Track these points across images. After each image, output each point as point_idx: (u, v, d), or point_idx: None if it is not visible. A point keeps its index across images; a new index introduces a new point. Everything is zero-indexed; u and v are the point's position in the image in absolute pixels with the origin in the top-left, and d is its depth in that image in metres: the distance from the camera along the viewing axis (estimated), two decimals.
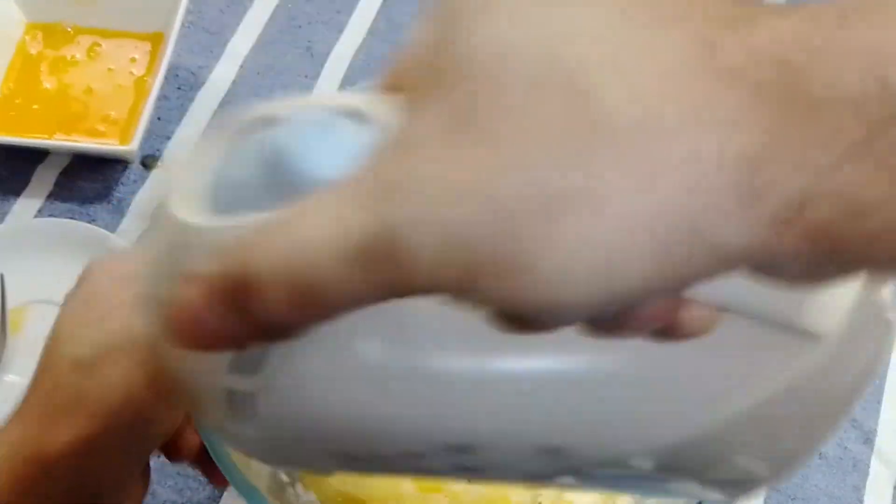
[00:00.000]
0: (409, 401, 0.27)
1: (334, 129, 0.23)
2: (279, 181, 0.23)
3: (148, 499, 0.53)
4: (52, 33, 0.67)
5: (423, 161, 0.19)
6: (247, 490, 0.41)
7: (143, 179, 0.63)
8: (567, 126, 0.18)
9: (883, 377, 0.57)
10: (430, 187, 0.19)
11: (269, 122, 0.24)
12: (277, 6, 0.70)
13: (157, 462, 0.54)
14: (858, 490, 0.54)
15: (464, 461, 0.28)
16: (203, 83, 0.67)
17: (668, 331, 0.22)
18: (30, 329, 0.58)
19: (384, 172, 0.20)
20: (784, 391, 0.26)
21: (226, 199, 0.24)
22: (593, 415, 0.27)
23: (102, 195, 0.63)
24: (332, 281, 0.20)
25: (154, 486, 0.54)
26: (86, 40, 0.67)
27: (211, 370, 0.26)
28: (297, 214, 0.20)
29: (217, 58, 0.68)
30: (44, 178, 0.63)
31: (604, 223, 0.18)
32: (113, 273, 0.40)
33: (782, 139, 0.17)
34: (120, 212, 0.62)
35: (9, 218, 0.62)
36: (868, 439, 0.55)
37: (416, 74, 0.21)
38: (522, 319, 0.20)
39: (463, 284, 0.19)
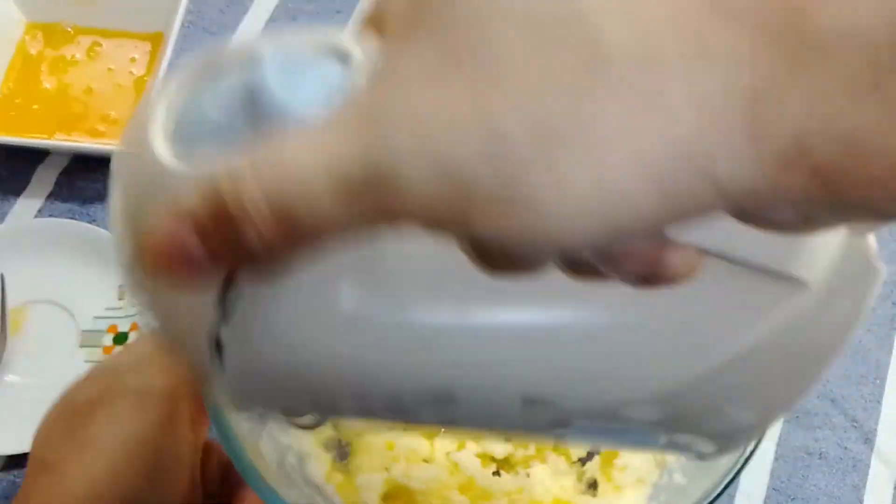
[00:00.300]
0: (388, 350, 0.26)
1: (315, 66, 0.23)
2: (258, 119, 0.22)
3: None
4: (53, 33, 0.67)
5: (415, 94, 0.19)
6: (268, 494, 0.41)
7: None
8: (569, 62, 0.18)
9: (883, 378, 0.57)
10: (422, 119, 0.19)
11: (245, 58, 0.24)
12: (277, 6, 0.70)
13: None
14: (858, 490, 0.54)
15: (445, 412, 0.28)
16: None
17: (651, 276, 0.21)
18: (30, 329, 0.58)
19: (373, 103, 0.20)
20: (770, 338, 0.26)
21: (199, 135, 0.24)
22: (574, 365, 0.27)
23: (102, 195, 0.63)
24: (317, 209, 0.19)
25: None
26: (86, 40, 0.67)
27: (189, 314, 0.26)
28: (283, 144, 0.20)
29: None
30: (44, 179, 0.63)
31: (605, 158, 0.18)
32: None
33: (789, 80, 0.17)
34: None
35: (9, 218, 0.62)
36: (868, 439, 0.55)
37: (400, 11, 0.21)
38: (507, 255, 0.20)
39: (453, 216, 0.19)
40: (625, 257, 0.21)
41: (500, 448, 0.50)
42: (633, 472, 0.48)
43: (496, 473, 0.49)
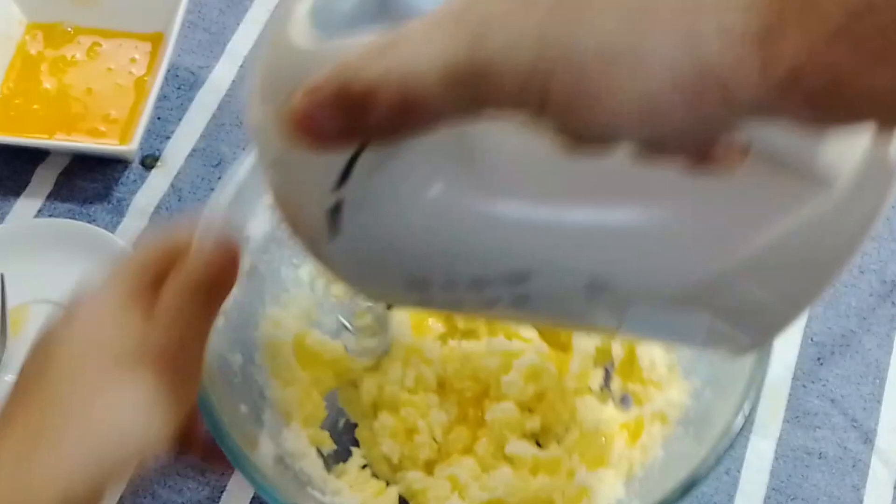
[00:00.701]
0: (479, 230, 0.30)
1: None
2: (384, 10, 0.28)
3: (148, 499, 0.54)
4: (53, 33, 0.67)
5: (511, 4, 0.24)
6: (250, 473, 0.41)
7: (143, 179, 0.63)
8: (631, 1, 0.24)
9: (883, 378, 0.57)
10: (520, 23, 0.24)
11: None
12: (277, 6, 0.70)
13: (157, 462, 0.54)
14: (858, 490, 0.54)
15: (519, 290, 0.32)
16: (203, 83, 0.67)
17: (704, 160, 0.26)
18: (30, 329, 0.58)
19: (482, 4, 0.25)
20: (796, 232, 0.30)
21: (335, 23, 0.29)
22: (632, 254, 0.31)
23: (102, 195, 0.63)
24: (431, 93, 0.25)
25: (154, 486, 0.54)
26: (86, 40, 0.67)
27: (311, 183, 0.30)
28: (403, 36, 0.25)
29: (217, 57, 0.68)
30: (44, 179, 0.63)
31: (652, 70, 0.23)
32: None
33: (786, 23, 0.22)
34: (120, 212, 0.62)
35: (9, 218, 0.62)
36: (868, 439, 0.55)
37: None
38: (582, 136, 0.25)
39: (541, 107, 0.24)
40: (678, 145, 0.25)
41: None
42: (658, 368, 0.49)
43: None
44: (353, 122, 0.26)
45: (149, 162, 0.64)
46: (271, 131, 0.30)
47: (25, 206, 0.62)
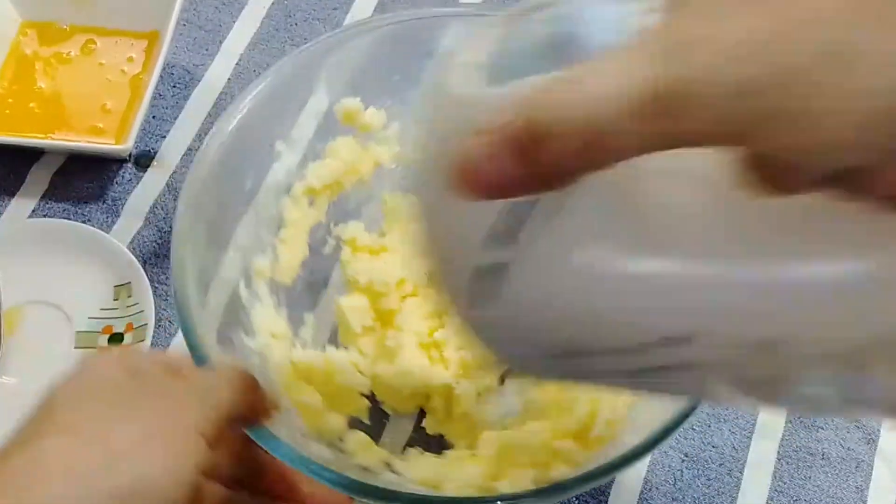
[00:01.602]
0: (649, 290, 0.28)
1: (614, 4, 0.27)
2: (560, 51, 0.26)
3: None
4: (48, 32, 0.66)
5: (709, 23, 0.22)
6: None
7: (138, 179, 0.63)
8: (850, 7, 0.22)
9: None
10: (717, 44, 0.22)
11: (549, 2, 0.28)
12: (273, 3, 0.69)
13: None
14: (861, 491, 0.53)
15: (678, 353, 0.29)
16: (198, 81, 0.66)
17: None
18: (25, 330, 0.57)
19: (669, 32, 0.23)
20: None
21: (503, 72, 0.27)
22: (818, 309, 0.28)
23: (97, 195, 0.62)
24: (616, 129, 0.22)
25: None
26: (81, 39, 0.66)
27: (468, 242, 0.28)
28: (587, 70, 0.23)
29: (212, 56, 0.67)
30: (38, 178, 0.63)
31: (875, 82, 0.21)
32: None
33: None
34: (114, 211, 0.62)
35: (3, 218, 0.62)
36: (871, 439, 0.55)
37: None
38: (785, 167, 0.23)
39: (741, 132, 0.22)
40: (884, 177, 0.23)
41: None
42: None
43: None
44: (527, 163, 0.24)
45: (144, 161, 0.63)
46: (432, 180, 0.29)
47: (20, 207, 0.62)
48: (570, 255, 0.28)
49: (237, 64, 0.67)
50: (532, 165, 0.24)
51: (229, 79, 0.66)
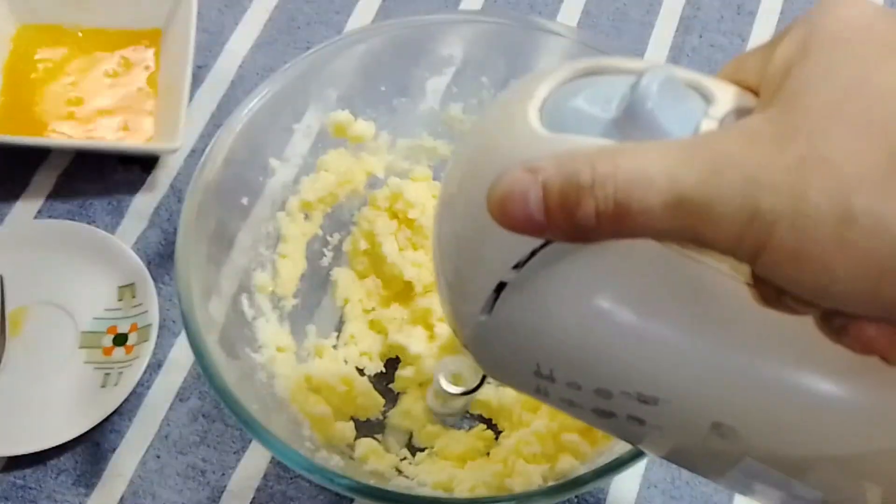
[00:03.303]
0: (633, 347, 0.30)
1: (683, 95, 0.29)
2: (624, 121, 0.28)
3: (148, 499, 0.54)
4: (47, 33, 0.66)
5: (750, 150, 0.24)
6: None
7: (143, 180, 0.63)
8: (880, 167, 0.23)
9: None
10: (748, 171, 0.24)
11: (626, 69, 0.30)
12: (276, 6, 0.70)
13: (158, 462, 0.54)
14: None
15: (642, 412, 0.31)
16: (202, 83, 0.67)
17: (885, 356, 0.26)
18: (29, 330, 0.58)
19: (716, 145, 0.25)
20: None
21: (565, 120, 0.29)
22: (778, 411, 0.29)
23: (102, 196, 0.63)
24: (648, 213, 0.25)
25: (154, 486, 0.54)
26: (81, 39, 0.66)
27: (489, 260, 0.30)
28: (639, 149, 0.26)
29: (215, 57, 0.68)
30: (43, 180, 0.63)
31: (882, 248, 0.23)
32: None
33: None
34: (119, 213, 0.62)
35: (8, 219, 0.62)
36: None
37: (768, 77, 0.27)
38: (779, 290, 0.26)
39: (750, 254, 0.25)
40: (869, 334, 0.26)
41: None
42: None
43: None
44: (563, 216, 0.26)
45: (149, 163, 0.64)
46: (469, 201, 0.31)
47: (25, 208, 0.62)
48: (566, 291, 0.30)
49: (240, 66, 0.67)
50: (566, 220, 0.26)
51: (233, 81, 0.67)
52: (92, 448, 0.55)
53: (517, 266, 0.30)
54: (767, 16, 0.70)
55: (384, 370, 0.55)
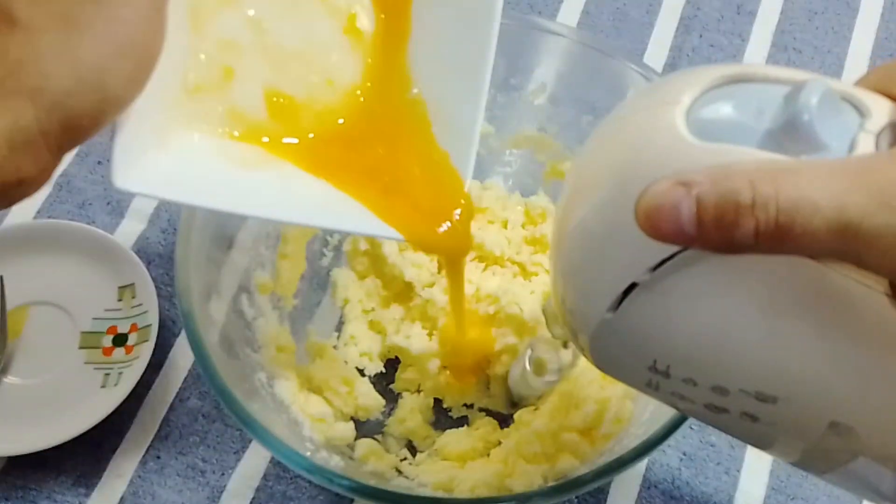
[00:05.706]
0: (758, 347, 0.29)
1: (839, 108, 0.29)
2: (782, 133, 0.28)
3: (148, 499, 0.54)
4: None
5: None
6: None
7: None
8: None
9: None
10: None
11: (783, 78, 0.30)
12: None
13: (157, 462, 0.54)
14: None
15: (759, 410, 0.31)
16: None
17: None
18: (29, 330, 0.58)
19: (876, 167, 0.25)
20: None
21: (716, 126, 0.29)
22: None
23: (101, 196, 0.63)
24: (811, 236, 0.25)
25: (154, 486, 0.54)
26: None
27: (624, 262, 0.30)
28: (805, 169, 0.25)
29: None
30: None
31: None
32: None
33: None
34: (119, 213, 0.62)
35: (8, 219, 0.62)
36: None
37: None
38: None
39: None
40: None
41: None
42: None
43: None
44: (716, 231, 0.26)
45: None
46: (609, 203, 0.30)
47: (25, 207, 0.62)
48: (698, 294, 0.30)
49: None
50: (721, 236, 0.26)
51: None
52: (92, 448, 0.55)
53: (653, 268, 0.30)
54: (767, 16, 0.70)
55: (384, 370, 0.56)
